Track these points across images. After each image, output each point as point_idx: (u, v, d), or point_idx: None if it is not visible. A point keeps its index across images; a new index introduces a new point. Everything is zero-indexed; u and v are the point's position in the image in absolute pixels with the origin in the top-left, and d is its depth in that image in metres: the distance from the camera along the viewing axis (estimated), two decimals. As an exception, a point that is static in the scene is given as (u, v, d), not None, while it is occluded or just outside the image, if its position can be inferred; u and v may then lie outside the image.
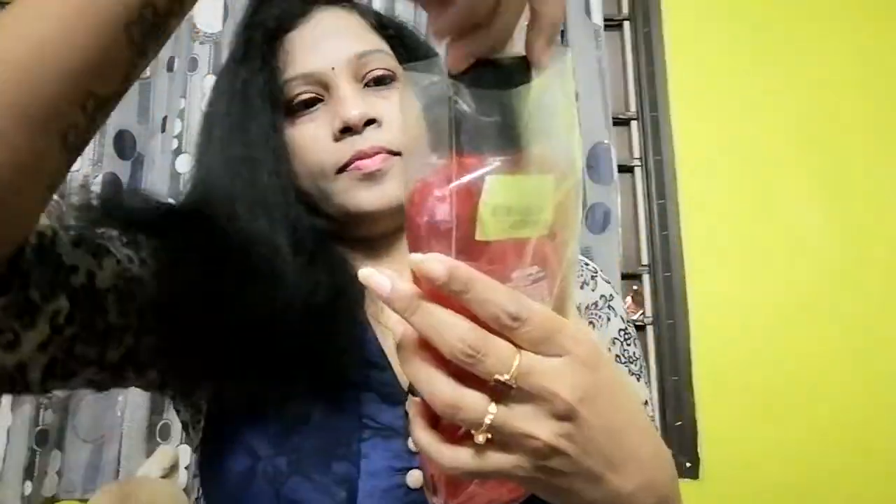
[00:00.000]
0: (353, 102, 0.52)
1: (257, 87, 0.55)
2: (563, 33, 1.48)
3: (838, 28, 1.60)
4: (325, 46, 0.55)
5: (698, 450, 1.39)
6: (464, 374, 0.30)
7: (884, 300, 1.46)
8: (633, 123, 1.59)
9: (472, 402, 0.30)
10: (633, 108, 1.60)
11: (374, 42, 0.57)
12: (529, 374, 0.30)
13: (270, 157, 0.54)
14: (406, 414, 0.50)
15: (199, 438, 0.53)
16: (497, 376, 0.29)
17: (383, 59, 0.56)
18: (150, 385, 0.52)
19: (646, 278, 1.51)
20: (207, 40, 1.42)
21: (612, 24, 1.63)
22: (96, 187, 1.36)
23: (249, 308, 0.47)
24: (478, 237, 0.30)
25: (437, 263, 0.29)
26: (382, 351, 0.52)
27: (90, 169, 1.37)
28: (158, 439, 1.31)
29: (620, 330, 0.59)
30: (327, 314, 0.50)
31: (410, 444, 0.49)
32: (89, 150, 1.37)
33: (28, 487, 1.25)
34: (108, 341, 0.45)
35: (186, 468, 1.29)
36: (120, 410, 1.31)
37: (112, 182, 1.37)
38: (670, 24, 1.60)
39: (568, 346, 0.31)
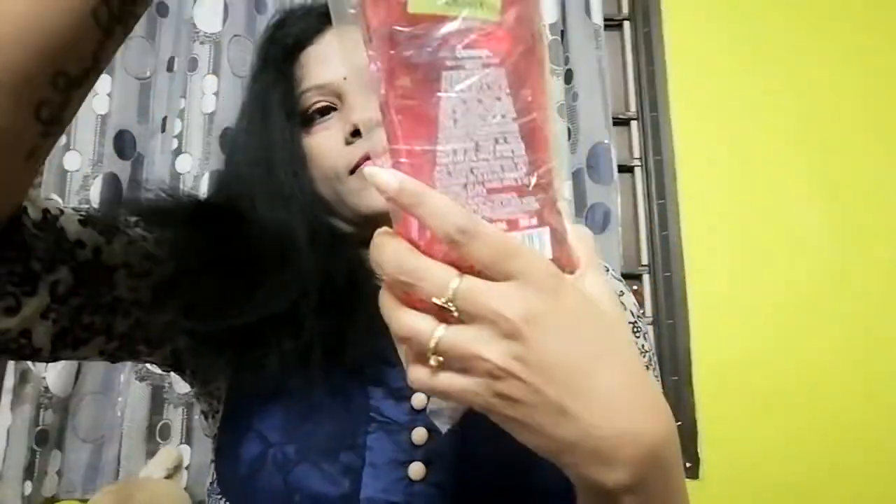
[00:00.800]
0: (363, 107, 0.56)
1: (276, 98, 0.60)
2: (562, 33, 1.48)
3: (838, 28, 1.60)
4: (337, 59, 0.59)
5: (698, 450, 1.39)
6: (422, 303, 0.31)
7: (884, 300, 1.46)
8: (633, 123, 1.59)
9: (419, 327, 0.31)
10: (633, 108, 1.60)
11: None
12: (470, 296, 0.30)
13: (288, 161, 0.58)
14: (412, 409, 0.52)
15: (217, 427, 0.56)
16: (434, 300, 0.30)
17: None
18: (164, 361, 0.56)
19: (646, 278, 1.51)
20: (207, 40, 1.42)
21: (612, 24, 1.63)
22: (96, 187, 1.36)
23: (268, 295, 0.50)
24: (409, 9, 0.30)
25: (389, 175, 0.30)
26: (394, 347, 0.54)
27: (90, 169, 1.37)
28: (158, 439, 1.31)
29: (629, 323, 0.60)
30: (344, 307, 0.52)
31: (414, 402, 0.52)
32: (89, 150, 1.37)
33: (28, 487, 1.25)
34: (115, 313, 0.48)
35: (187, 468, 1.29)
36: (120, 410, 1.31)
37: (112, 182, 1.37)
38: (670, 24, 1.60)
39: (520, 268, 0.30)
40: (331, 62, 0.59)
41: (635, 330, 0.61)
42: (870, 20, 1.60)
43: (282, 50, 0.62)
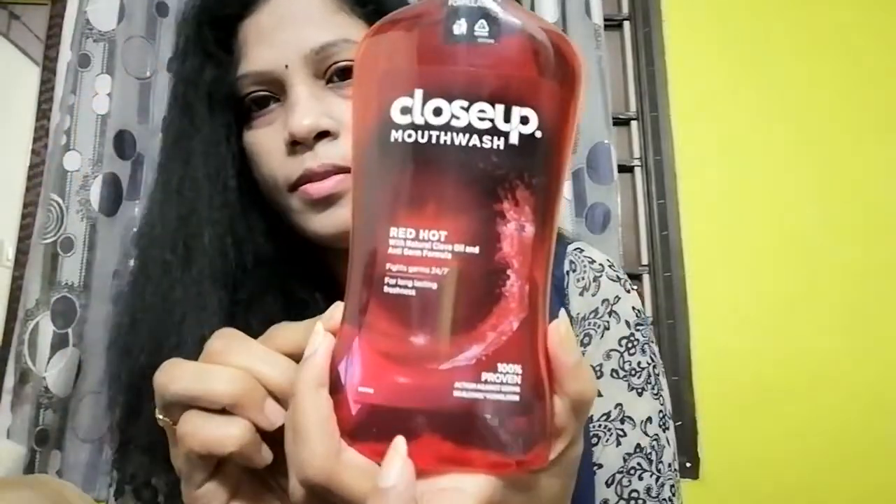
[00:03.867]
0: (303, 110, 0.45)
1: (203, 88, 0.49)
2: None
3: (838, 28, 1.60)
4: (279, 39, 0.47)
5: (698, 450, 1.39)
6: None
7: (884, 300, 1.46)
8: (633, 123, 1.59)
9: None
10: (633, 108, 1.60)
11: (340, 28, 0.48)
12: None
13: (213, 174, 0.49)
14: None
15: None
16: None
17: (349, 50, 0.47)
18: None
19: (646, 278, 1.51)
20: (207, 40, 1.42)
21: (612, 24, 1.63)
22: (96, 187, 1.36)
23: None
24: None
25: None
26: None
27: (90, 169, 1.37)
28: (158, 439, 1.31)
29: (622, 339, 0.53)
30: None
31: None
32: (89, 150, 1.37)
33: (28, 487, 1.25)
34: None
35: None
36: (120, 410, 1.31)
37: (112, 182, 1.37)
38: (670, 24, 1.60)
39: None
40: (272, 40, 0.48)
41: (630, 345, 0.53)
42: (869, 21, 1.60)
43: (212, 24, 0.50)
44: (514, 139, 0.25)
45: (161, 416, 0.31)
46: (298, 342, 0.28)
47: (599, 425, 0.50)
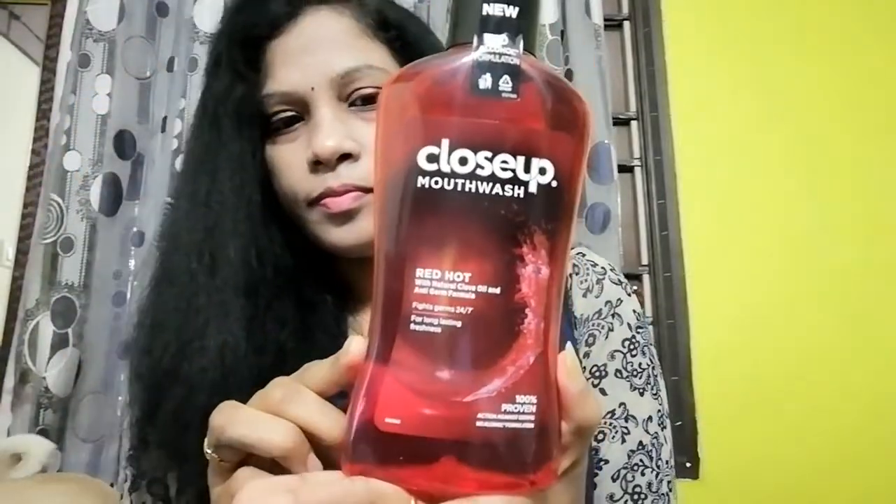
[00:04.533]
0: (327, 132, 0.48)
1: (231, 105, 0.51)
2: (562, 33, 1.48)
3: (838, 28, 1.60)
4: (306, 62, 0.50)
5: (698, 450, 1.39)
6: None
7: (885, 300, 1.46)
8: (633, 123, 1.59)
9: None
10: (633, 108, 1.60)
11: (366, 54, 0.51)
12: None
13: (238, 188, 0.51)
14: None
15: None
16: None
17: (372, 76, 0.50)
18: None
19: (646, 278, 1.51)
20: (207, 40, 1.42)
21: (612, 23, 1.63)
22: (96, 187, 1.36)
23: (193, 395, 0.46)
24: None
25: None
26: None
27: (90, 169, 1.37)
28: (158, 439, 1.31)
29: (625, 340, 0.54)
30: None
31: None
32: (89, 150, 1.37)
33: (28, 487, 1.25)
34: None
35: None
36: (120, 410, 1.31)
37: (112, 182, 1.37)
38: (670, 24, 1.60)
39: None
40: (299, 63, 0.50)
41: (632, 347, 0.54)
42: (869, 21, 1.60)
43: (242, 44, 0.52)
44: (532, 188, 0.27)
45: (210, 452, 0.32)
46: (328, 380, 0.30)
47: (605, 423, 0.53)
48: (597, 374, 0.53)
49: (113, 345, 1.34)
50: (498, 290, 0.26)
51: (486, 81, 0.27)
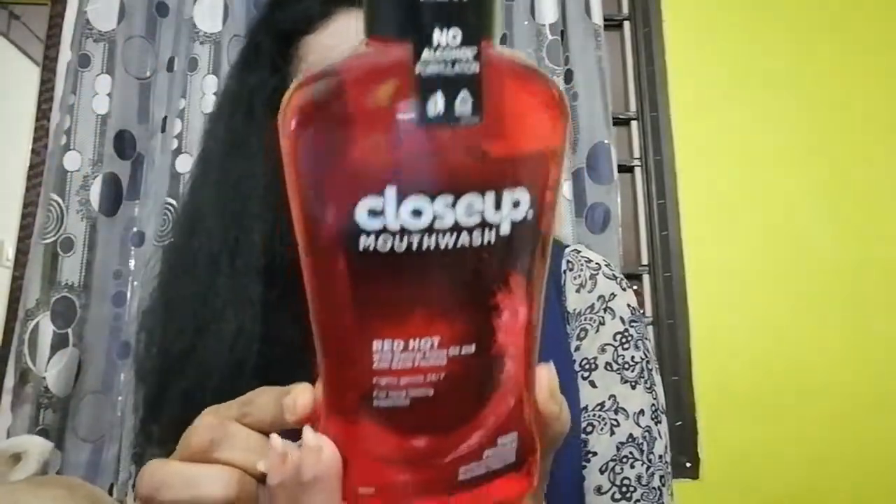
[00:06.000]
0: None
1: (264, 95, 0.52)
2: (562, 33, 1.48)
3: (839, 28, 1.60)
4: (335, 58, 0.50)
5: (698, 450, 1.39)
6: None
7: (885, 301, 1.46)
8: (633, 123, 1.59)
9: None
10: (633, 108, 1.60)
11: None
12: None
13: (269, 174, 0.51)
14: None
15: None
16: None
17: None
18: None
19: (646, 278, 1.51)
20: (207, 40, 1.42)
21: (612, 23, 1.63)
22: (96, 187, 1.36)
23: (203, 370, 0.47)
24: None
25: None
26: None
27: (90, 169, 1.37)
28: (158, 439, 1.31)
29: (616, 334, 0.54)
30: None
31: None
32: (89, 150, 1.37)
33: (28, 487, 1.25)
34: None
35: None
36: (120, 410, 1.31)
37: (112, 182, 1.37)
38: (670, 24, 1.60)
39: None
40: (329, 59, 0.50)
41: (624, 340, 0.54)
42: (869, 21, 1.60)
43: (276, 36, 0.54)
44: (505, 229, 0.21)
45: None
46: (274, 420, 0.27)
47: (594, 415, 0.53)
48: (586, 366, 0.53)
49: (113, 345, 1.34)
50: (473, 349, 0.22)
51: (436, 105, 0.19)
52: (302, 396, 0.25)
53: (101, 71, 1.40)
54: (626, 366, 0.54)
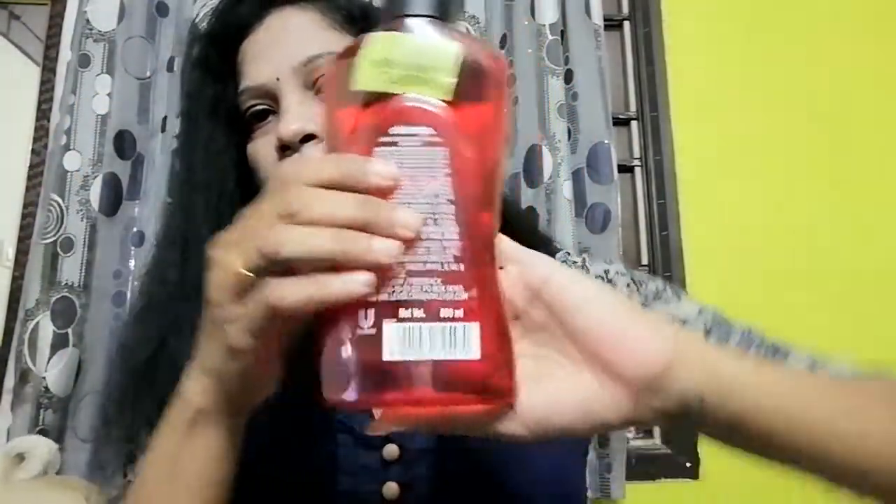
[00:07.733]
0: (291, 117, 0.50)
1: (205, 105, 0.54)
2: (562, 33, 1.48)
3: (839, 28, 1.60)
4: (270, 55, 0.52)
5: (698, 450, 1.39)
6: None
7: (888, 301, 1.46)
8: (633, 123, 1.59)
9: None
10: (633, 108, 1.60)
11: (329, 43, 0.53)
12: None
13: (220, 182, 0.54)
14: (382, 460, 0.50)
15: None
16: None
17: None
18: None
19: (646, 278, 1.51)
20: (207, 40, 1.42)
21: (612, 23, 1.63)
22: (96, 187, 1.36)
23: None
24: (351, 87, 0.31)
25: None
26: None
27: (90, 169, 1.37)
28: (158, 439, 1.31)
29: (628, 284, 0.58)
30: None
31: (385, 453, 0.50)
32: (89, 150, 1.37)
33: (28, 487, 1.25)
34: None
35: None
36: (120, 410, 1.31)
37: (112, 182, 1.37)
38: (670, 24, 1.60)
39: None
40: (265, 57, 0.52)
41: (636, 287, 0.59)
42: (870, 21, 1.60)
43: (215, 44, 0.55)
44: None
45: (246, 272, 0.31)
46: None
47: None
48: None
49: (113, 345, 1.34)
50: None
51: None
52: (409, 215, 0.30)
53: (101, 71, 1.40)
54: (657, 295, 0.58)
